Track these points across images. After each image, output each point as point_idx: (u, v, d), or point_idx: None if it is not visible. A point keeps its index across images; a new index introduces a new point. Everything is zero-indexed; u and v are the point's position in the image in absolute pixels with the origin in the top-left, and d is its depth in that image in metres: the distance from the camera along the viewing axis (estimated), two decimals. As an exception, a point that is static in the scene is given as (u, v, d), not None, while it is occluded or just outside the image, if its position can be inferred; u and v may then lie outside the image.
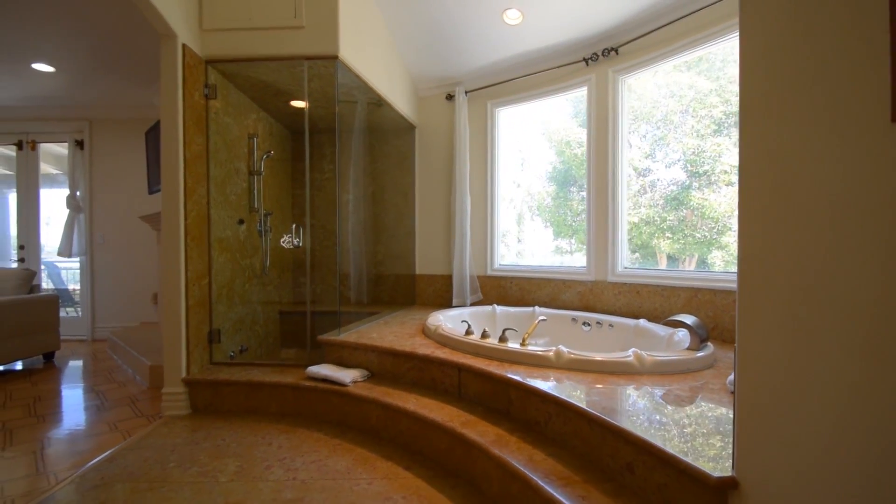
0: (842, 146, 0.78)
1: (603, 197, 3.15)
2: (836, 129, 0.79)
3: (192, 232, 2.51)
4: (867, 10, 0.73)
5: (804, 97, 0.85)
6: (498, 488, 1.58)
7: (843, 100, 0.77)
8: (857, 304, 0.77)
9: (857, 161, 0.76)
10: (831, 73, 0.80)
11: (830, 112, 0.80)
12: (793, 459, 0.90)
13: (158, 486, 1.74)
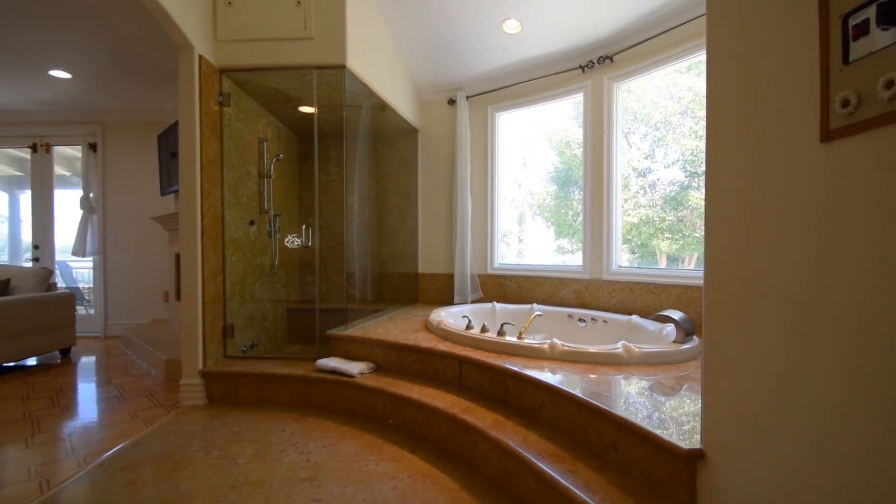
0: (784, 161, 0.92)
1: (598, 199, 3.29)
2: (780, 147, 0.93)
3: (207, 232, 2.66)
4: (802, 52, 0.87)
5: (754, 120, 1.00)
6: (495, 467, 1.72)
7: (785, 123, 0.92)
8: (789, 296, 0.91)
9: (796, 173, 0.90)
10: (775, 100, 0.94)
11: (775, 133, 0.94)
12: (744, 431, 1.04)
13: (183, 466, 1.89)
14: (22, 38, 3.26)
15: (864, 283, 0.75)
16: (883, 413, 0.72)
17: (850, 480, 0.78)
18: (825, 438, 0.83)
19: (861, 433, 0.76)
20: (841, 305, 0.79)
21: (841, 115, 0.79)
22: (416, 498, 1.64)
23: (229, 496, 1.66)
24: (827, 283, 0.83)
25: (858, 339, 0.76)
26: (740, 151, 1.04)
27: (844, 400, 0.79)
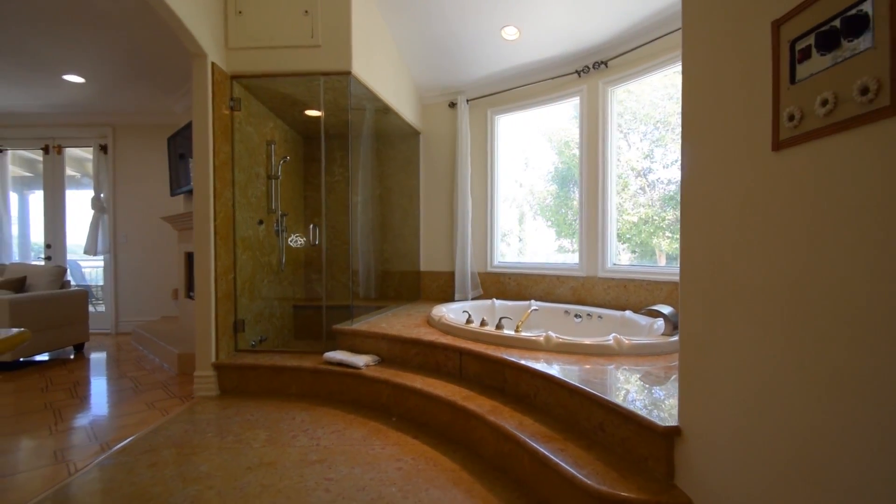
0: (743, 168, 1.04)
1: (594, 199, 3.41)
2: (740, 155, 1.05)
3: (220, 231, 2.79)
4: (759, 72, 0.99)
5: (720, 131, 1.12)
6: (493, 449, 1.85)
7: (744, 134, 1.04)
8: (751, 288, 1.03)
9: (753, 178, 1.02)
10: (737, 114, 1.06)
11: (736, 143, 1.06)
12: (714, 409, 1.16)
13: (201, 450, 2.02)
14: (40, 44, 3.40)
15: (811, 274, 0.87)
16: (824, 383, 0.84)
17: (798, 447, 0.90)
18: (779, 411, 0.95)
19: (807, 405, 0.88)
20: (793, 294, 0.92)
21: (788, 127, 0.91)
22: (420, 477, 1.77)
23: (246, 476, 1.78)
24: (781, 274, 0.95)
25: (808, 322, 0.88)
26: (708, 160, 1.16)
27: (796, 376, 0.91)
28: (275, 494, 1.64)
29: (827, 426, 0.83)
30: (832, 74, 0.81)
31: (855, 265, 0.77)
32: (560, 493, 1.48)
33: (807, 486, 0.88)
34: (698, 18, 1.21)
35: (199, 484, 1.72)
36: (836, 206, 0.81)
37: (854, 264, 0.78)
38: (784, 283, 0.93)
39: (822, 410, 0.84)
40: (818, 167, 0.85)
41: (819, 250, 0.85)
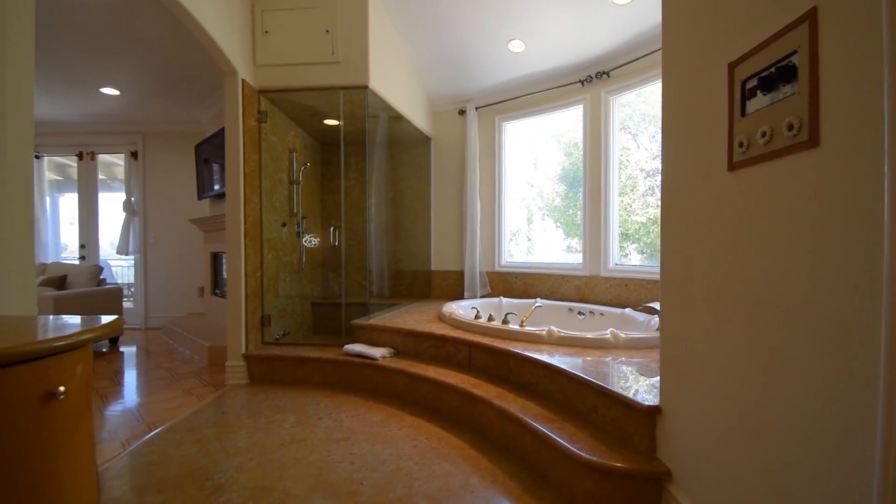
0: (706, 185, 1.24)
1: (597, 202, 3.59)
2: (704, 174, 1.25)
3: (249, 234, 3.04)
4: (718, 104, 1.19)
5: (689, 154, 1.31)
6: (499, 430, 2.06)
7: (707, 157, 1.23)
8: (712, 286, 1.22)
9: (714, 194, 1.21)
10: (701, 140, 1.26)
11: (701, 164, 1.26)
12: (686, 389, 1.35)
13: (238, 430, 2.26)
14: (81, 60, 3.69)
15: (757, 273, 1.07)
16: (765, 361, 1.03)
17: (744, 416, 1.09)
18: (732, 387, 1.14)
19: (753, 381, 1.07)
20: (743, 290, 1.11)
21: (739, 153, 1.10)
22: (433, 453, 1.98)
23: (280, 451, 2.02)
24: (735, 274, 1.14)
25: (754, 313, 1.07)
26: (680, 177, 1.36)
27: (745, 358, 1.10)
28: (307, 466, 1.87)
29: (766, 397, 1.02)
30: (770, 112, 1.01)
31: (787, 265, 0.97)
32: (557, 465, 1.69)
33: (749, 447, 1.07)
34: (673, 58, 1.41)
35: (241, 457, 1.96)
36: (773, 217, 1.00)
37: (786, 264, 0.97)
38: (737, 281, 1.13)
39: (763, 384, 1.04)
40: (760, 186, 1.04)
41: (762, 253, 1.04)
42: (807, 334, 0.91)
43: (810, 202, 0.90)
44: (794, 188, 0.94)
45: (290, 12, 3.11)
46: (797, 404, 0.93)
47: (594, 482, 1.53)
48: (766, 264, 1.03)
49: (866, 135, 0.77)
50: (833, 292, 0.84)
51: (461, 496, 1.65)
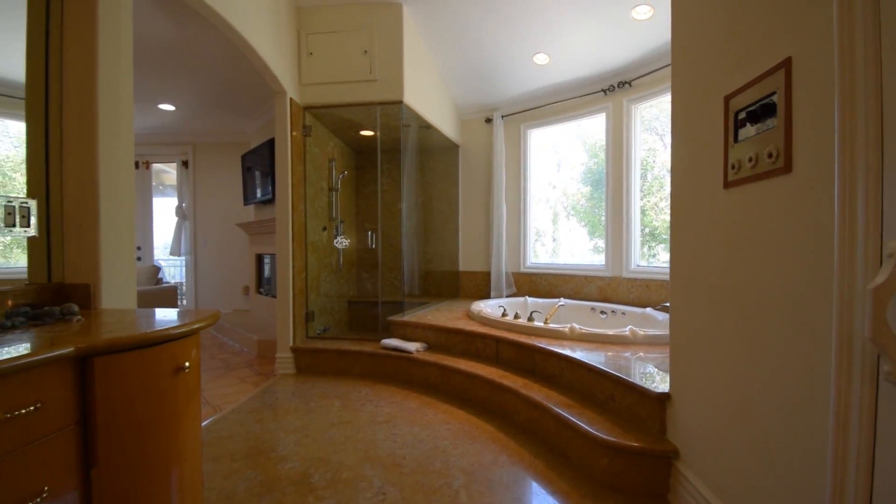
0: (706, 198, 1.42)
1: (618, 206, 3.74)
2: (703, 188, 1.43)
3: (296, 238, 3.35)
4: (716, 131, 1.37)
5: (692, 173, 1.50)
6: (524, 416, 2.28)
7: (707, 176, 1.42)
8: (711, 286, 1.40)
9: (713, 207, 1.40)
10: (703, 161, 1.44)
11: (702, 182, 1.44)
12: (690, 376, 1.54)
13: (292, 412, 2.56)
14: (144, 80, 4.10)
15: (748, 275, 1.25)
16: (750, 349, 1.22)
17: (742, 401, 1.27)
18: (731, 375, 1.33)
19: (749, 369, 1.25)
20: (738, 290, 1.29)
21: (732, 173, 1.29)
22: (465, 436, 2.22)
23: (330, 430, 2.30)
24: (728, 276, 1.33)
25: (747, 311, 1.25)
26: (686, 192, 1.55)
27: (742, 350, 1.28)
28: (355, 442, 2.14)
29: (751, 379, 1.21)
30: (756, 140, 1.20)
31: (768, 270, 1.15)
32: (577, 446, 1.89)
33: (738, 423, 1.26)
34: (680, 86, 1.60)
35: (297, 434, 2.25)
36: (757, 229, 1.19)
37: (767, 269, 1.15)
38: (730, 282, 1.31)
39: (748, 368, 1.22)
40: (748, 203, 1.23)
41: (749, 260, 1.23)
42: (781, 326, 1.10)
43: (786, 218, 1.09)
44: (772, 206, 1.13)
45: (331, 35, 3.41)
46: (775, 383, 1.12)
47: (610, 460, 1.73)
48: (752, 269, 1.21)
49: (827, 165, 0.96)
50: (802, 292, 1.03)
51: (492, 470, 1.88)
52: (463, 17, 3.40)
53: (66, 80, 1.53)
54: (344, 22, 3.39)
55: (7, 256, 1.44)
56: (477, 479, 1.81)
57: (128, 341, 1.05)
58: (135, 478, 1.08)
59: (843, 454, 0.91)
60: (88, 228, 1.49)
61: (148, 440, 1.11)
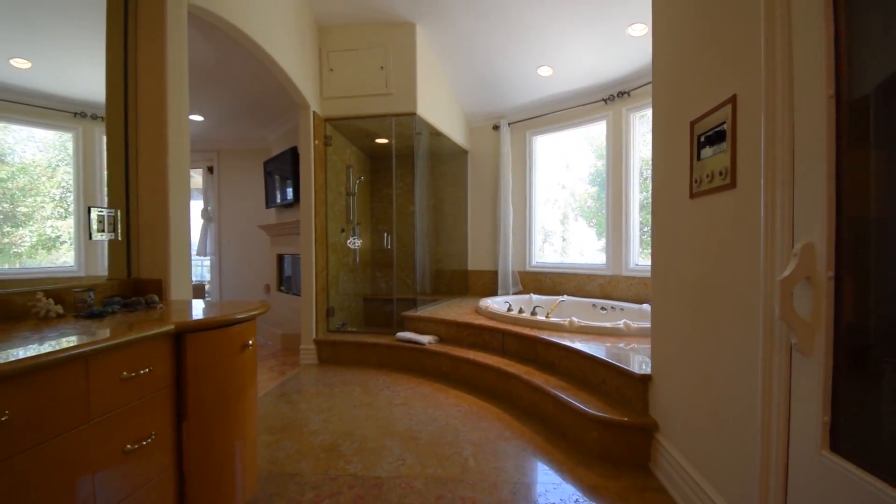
0: (677, 207, 1.68)
1: (618, 208, 3.98)
2: (675, 198, 1.68)
3: (318, 240, 3.65)
4: (684, 150, 1.62)
5: (668, 184, 1.75)
6: (527, 400, 2.54)
7: (678, 187, 1.67)
8: (685, 282, 1.65)
9: (681, 214, 1.65)
10: (675, 174, 1.69)
11: (675, 192, 1.70)
12: (668, 360, 1.79)
13: (317, 396, 2.85)
14: (178, 96, 4.44)
15: (705, 271, 1.50)
16: (711, 334, 1.46)
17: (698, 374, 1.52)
18: (692, 355, 1.57)
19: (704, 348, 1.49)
20: (698, 283, 1.54)
21: (695, 186, 1.54)
22: (473, 416, 2.49)
23: (353, 410, 2.58)
24: (694, 272, 1.58)
25: (704, 300, 1.49)
26: (662, 201, 1.80)
27: (699, 333, 1.53)
28: (375, 420, 2.43)
29: (709, 356, 1.46)
30: (711, 160, 1.45)
31: (720, 267, 1.40)
32: (572, 423, 2.15)
33: (701, 395, 1.51)
34: (658, 111, 1.85)
35: (324, 413, 2.54)
36: (712, 234, 1.44)
37: (719, 267, 1.40)
38: (693, 277, 1.57)
39: (708, 348, 1.47)
40: (705, 211, 1.48)
41: (706, 258, 1.48)
42: (729, 312, 1.35)
43: (732, 225, 1.34)
44: (723, 214, 1.38)
45: (350, 52, 3.70)
46: (725, 358, 1.37)
47: (599, 433, 1.98)
48: (709, 266, 1.47)
49: (759, 183, 1.21)
50: (743, 284, 1.28)
51: (497, 443, 2.15)
52: (471, 33, 3.67)
53: (140, 107, 1.83)
54: (362, 40, 3.68)
55: (32, 256, 1.71)
56: (484, 449, 2.08)
57: (210, 322, 1.35)
58: (213, 430, 1.37)
59: (769, 405, 1.16)
60: (161, 233, 1.79)
61: (223, 401, 1.40)
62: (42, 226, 1.65)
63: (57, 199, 1.72)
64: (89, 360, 1.01)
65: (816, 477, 1.02)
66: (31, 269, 1.63)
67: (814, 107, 1.03)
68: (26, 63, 1.71)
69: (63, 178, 1.73)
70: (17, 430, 0.86)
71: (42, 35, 1.77)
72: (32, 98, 1.69)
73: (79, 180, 1.79)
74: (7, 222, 1.57)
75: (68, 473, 0.96)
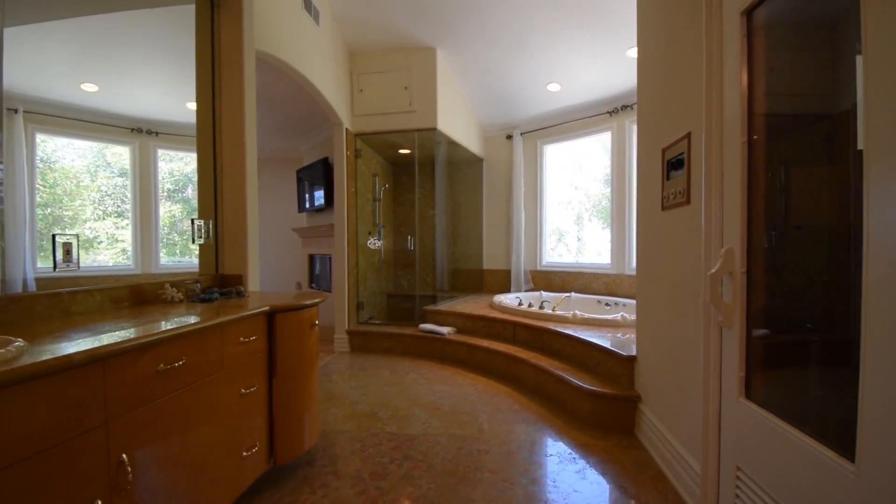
0: (652, 216, 2.07)
1: (621, 213, 4.34)
2: (651, 210, 2.07)
3: (350, 241, 4.12)
4: (657, 171, 2.01)
5: (646, 196, 2.14)
6: (534, 381, 2.95)
7: (653, 201, 2.06)
8: (660, 279, 2.04)
9: (655, 223, 2.04)
10: (651, 190, 2.08)
11: (651, 204, 2.09)
12: (648, 343, 2.18)
13: (352, 376, 3.31)
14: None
15: (673, 270, 1.88)
16: (680, 319, 1.85)
17: (669, 353, 1.90)
18: (665, 337, 1.96)
19: (674, 330, 1.88)
20: (669, 279, 1.92)
21: (664, 202, 1.93)
22: (487, 393, 2.91)
23: (384, 388, 3.03)
24: (664, 269, 1.97)
25: (674, 293, 1.88)
26: (642, 211, 2.19)
27: (671, 318, 1.91)
28: (404, 395, 2.87)
29: (675, 336, 1.85)
30: (675, 181, 1.84)
31: (678, 264, 1.79)
32: (570, 397, 2.55)
33: (669, 370, 1.90)
34: (641, 138, 2.24)
35: (360, 390, 3.00)
36: (676, 238, 1.83)
37: (678, 263, 1.79)
38: (664, 272, 1.96)
39: (674, 328, 1.87)
40: (671, 221, 1.87)
41: (672, 257, 1.87)
42: (685, 299, 1.74)
43: (687, 232, 1.73)
44: (681, 225, 1.77)
45: (378, 74, 4.16)
46: (683, 336, 1.77)
47: (592, 404, 2.38)
48: (674, 264, 1.86)
49: (703, 201, 1.60)
50: (693, 277, 1.67)
51: (506, 413, 2.56)
52: (486, 55, 4.08)
53: (224, 135, 2.31)
54: (388, 63, 4.13)
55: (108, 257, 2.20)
56: (496, 417, 2.50)
57: (291, 306, 1.80)
58: (293, 385, 1.83)
59: (707, 367, 1.55)
60: (241, 237, 2.27)
61: (298, 364, 1.86)
62: (101, 226, 2.05)
63: (96, 201, 2.10)
64: (224, 327, 1.47)
65: (737, 416, 1.41)
66: (93, 268, 2.01)
67: (734, 148, 1.42)
68: (94, 87, 2.11)
69: (104, 182, 2.09)
70: (188, 371, 1.32)
71: (109, 62, 2.13)
72: (97, 116, 2.04)
73: (135, 187, 2.02)
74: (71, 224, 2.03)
75: (214, 401, 1.42)
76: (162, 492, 1.22)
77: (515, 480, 1.84)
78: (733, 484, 1.41)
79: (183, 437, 1.29)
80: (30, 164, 1.53)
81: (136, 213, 1.97)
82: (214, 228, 2.24)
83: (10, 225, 1.43)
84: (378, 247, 5.36)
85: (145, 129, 2.10)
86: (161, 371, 1.21)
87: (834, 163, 1.28)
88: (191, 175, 2.25)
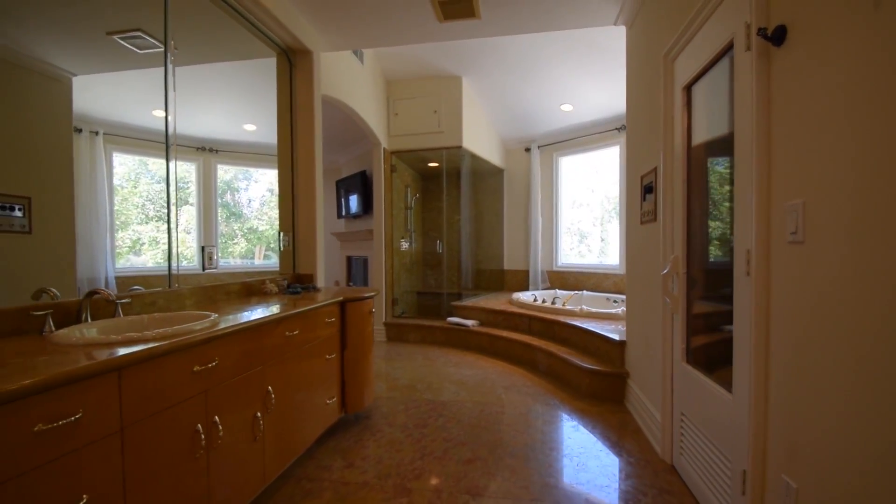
0: (633, 230, 2.60)
1: (627, 219, 4.82)
2: (633, 223, 2.61)
3: (386, 245, 4.77)
4: (636, 192, 2.54)
5: (629, 212, 2.67)
6: (546, 364, 3.50)
7: (635, 215, 2.59)
8: (640, 278, 2.56)
9: (636, 234, 2.57)
10: (632, 206, 2.61)
11: (632, 219, 2.62)
12: (634, 331, 2.70)
13: (392, 360, 3.94)
14: (276, 133, 5.71)
15: (650, 269, 2.41)
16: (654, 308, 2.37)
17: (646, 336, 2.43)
18: (644, 323, 2.48)
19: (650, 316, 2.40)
20: (646, 278, 2.45)
21: (641, 218, 2.46)
22: (504, 373, 3.49)
23: (419, 368, 3.65)
24: (641, 269, 2.50)
25: (648, 288, 2.41)
26: (627, 224, 2.73)
27: (650, 309, 2.43)
28: (436, 374, 3.48)
29: (648, 322, 2.38)
30: (647, 203, 2.37)
31: (650, 266, 2.32)
32: (573, 375, 3.10)
33: (646, 348, 2.43)
34: (628, 166, 2.78)
35: (400, 370, 3.63)
36: (648, 246, 2.36)
37: (650, 265, 2.33)
38: (644, 273, 2.49)
39: (647, 316, 2.40)
40: (645, 234, 2.41)
41: (646, 261, 2.40)
42: (654, 291, 2.28)
43: (655, 242, 2.27)
44: (652, 237, 2.31)
45: (411, 100, 4.79)
46: (653, 321, 2.31)
47: (590, 380, 2.93)
48: (648, 265, 2.40)
49: (661, 220, 2.14)
50: (658, 275, 2.21)
51: (521, 388, 3.14)
52: (505, 81, 4.65)
53: (300, 162, 2.98)
54: (420, 90, 4.75)
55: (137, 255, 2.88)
56: (511, 391, 3.08)
57: (356, 296, 2.44)
58: (357, 356, 2.47)
59: (666, 341, 2.09)
60: (311, 244, 2.93)
61: (361, 341, 2.49)
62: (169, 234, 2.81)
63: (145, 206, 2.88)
64: (319, 310, 2.12)
65: (681, 376, 1.95)
66: (127, 269, 2.80)
67: (678, 183, 1.96)
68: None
69: (156, 193, 2.89)
70: (301, 339, 1.96)
71: (181, 96, 2.90)
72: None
73: (200, 203, 2.69)
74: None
75: (312, 361, 2.07)
76: (285, 416, 1.86)
77: (524, 431, 2.42)
78: (679, 426, 1.95)
79: (297, 383, 1.94)
80: (108, 179, 1.74)
81: (199, 225, 2.56)
82: (293, 238, 2.91)
83: (96, 231, 1.66)
84: (406, 249, 6.00)
85: (208, 147, 2.49)
86: (287, 336, 1.85)
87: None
88: (230, 182, 2.85)
